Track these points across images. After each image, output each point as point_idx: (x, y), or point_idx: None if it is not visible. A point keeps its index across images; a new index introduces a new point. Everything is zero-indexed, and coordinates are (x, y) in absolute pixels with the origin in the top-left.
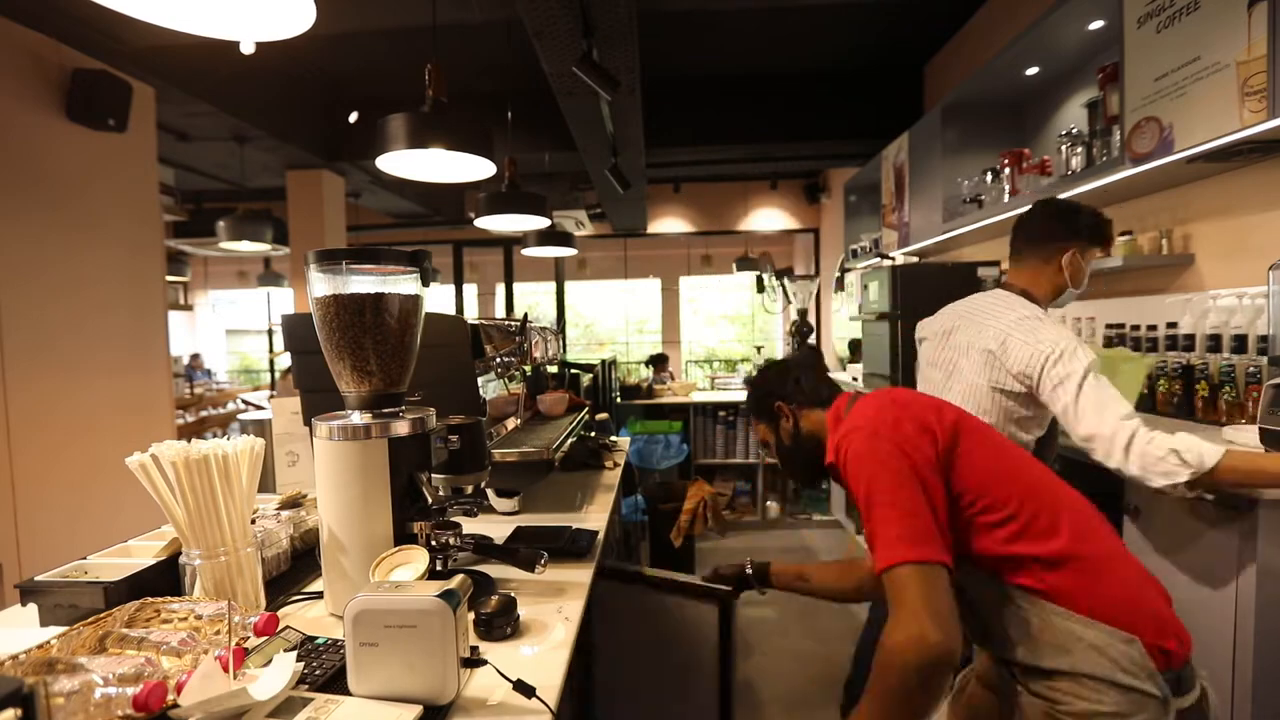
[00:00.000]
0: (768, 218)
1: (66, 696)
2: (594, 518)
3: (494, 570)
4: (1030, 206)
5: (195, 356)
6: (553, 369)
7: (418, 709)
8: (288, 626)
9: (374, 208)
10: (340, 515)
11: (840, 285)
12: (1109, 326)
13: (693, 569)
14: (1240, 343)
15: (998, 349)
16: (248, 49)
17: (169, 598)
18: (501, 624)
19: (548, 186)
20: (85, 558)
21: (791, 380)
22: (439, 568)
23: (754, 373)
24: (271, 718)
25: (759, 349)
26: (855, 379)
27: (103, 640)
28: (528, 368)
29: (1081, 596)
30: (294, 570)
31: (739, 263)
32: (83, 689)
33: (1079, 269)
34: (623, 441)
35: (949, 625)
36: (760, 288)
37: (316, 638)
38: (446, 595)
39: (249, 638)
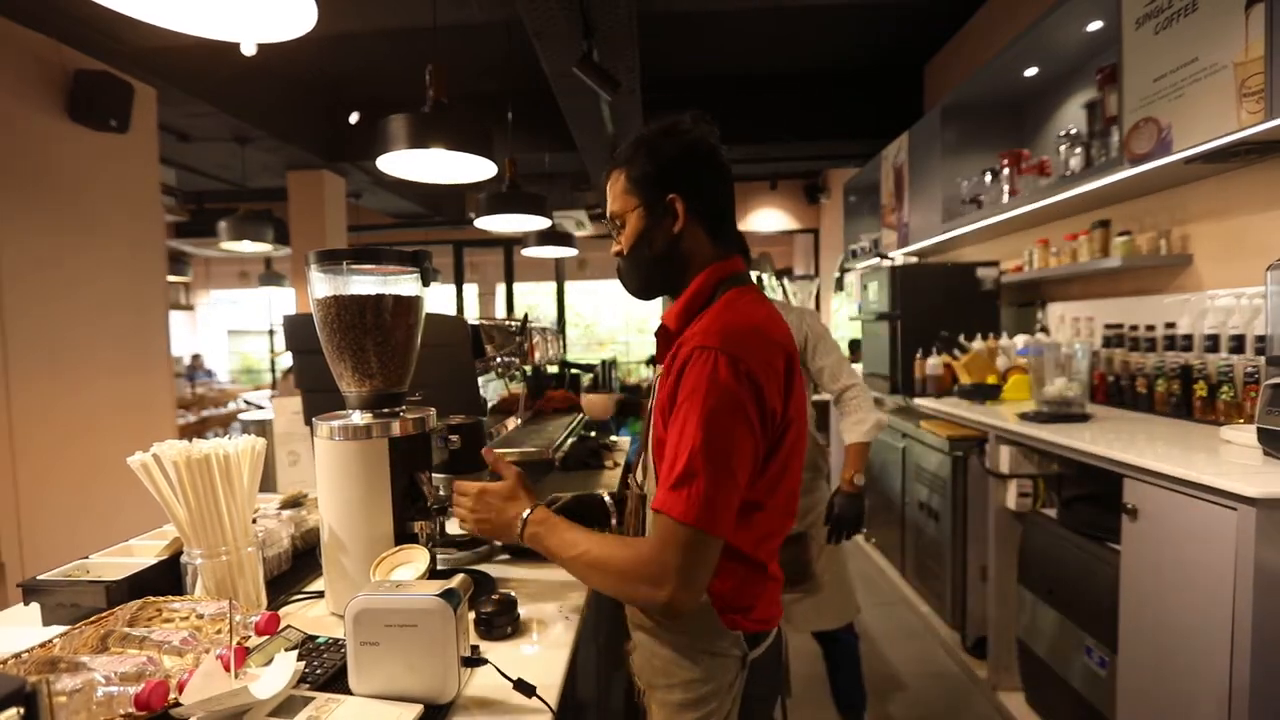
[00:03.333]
0: (768, 218)
1: (69, 695)
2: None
3: (494, 570)
4: None
5: (196, 356)
6: (553, 369)
7: (418, 708)
8: (289, 626)
9: (374, 208)
10: (341, 515)
11: (840, 285)
12: (1107, 326)
13: None
14: (1238, 343)
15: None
16: (249, 50)
17: (170, 597)
18: (502, 623)
19: (548, 186)
20: (87, 557)
21: (707, 176)
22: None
23: (657, 126)
24: (272, 717)
25: None
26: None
27: (105, 639)
28: (528, 368)
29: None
30: (295, 570)
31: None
32: (85, 688)
33: None
34: (623, 441)
35: (698, 596)
36: (760, 288)
37: (317, 637)
38: (447, 595)
39: (250, 637)
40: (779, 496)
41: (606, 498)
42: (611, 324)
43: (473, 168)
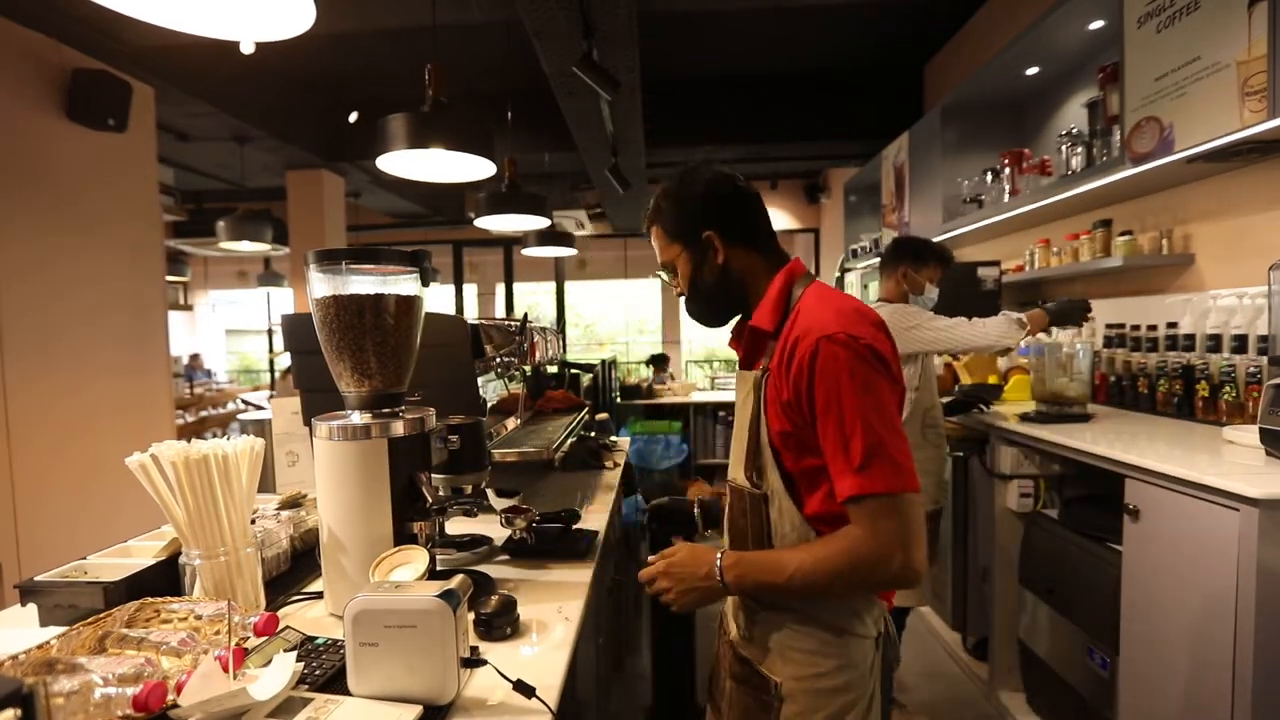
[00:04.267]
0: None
1: (66, 696)
2: (594, 518)
3: (494, 570)
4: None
5: (195, 356)
6: (553, 369)
7: (418, 709)
8: (288, 626)
9: (374, 208)
10: (340, 515)
11: (840, 285)
12: (1109, 326)
13: None
14: (1240, 343)
15: None
16: (248, 49)
17: (169, 598)
18: (501, 624)
19: (548, 186)
20: (85, 558)
21: (731, 207)
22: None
23: (674, 177)
24: (271, 718)
25: None
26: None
27: (102, 640)
28: (528, 368)
29: None
30: (294, 570)
31: None
32: (82, 689)
33: (914, 282)
34: (623, 441)
35: (925, 553)
36: None
37: (316, 638)
38: (446, 595)
39: (249, 638)
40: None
41: (696, 510)
42: (611, 324)
43: (472, 167)
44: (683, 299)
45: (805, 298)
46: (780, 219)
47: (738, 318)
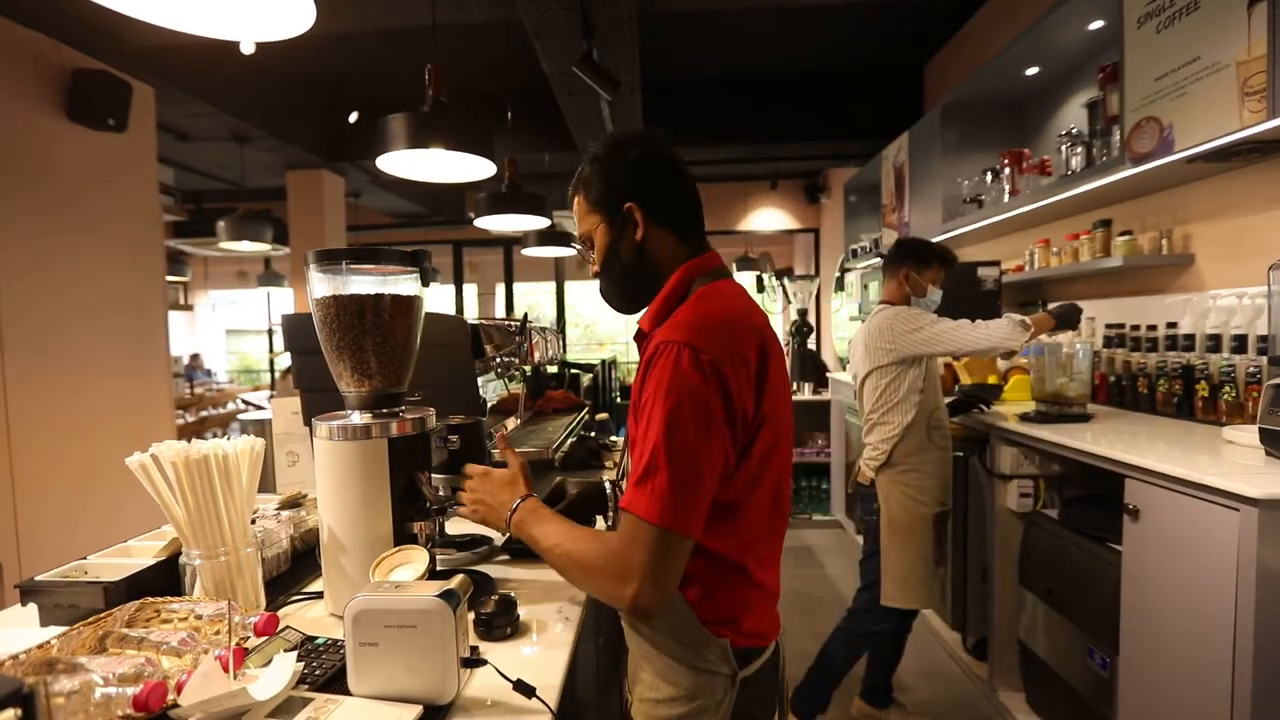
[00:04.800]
0: (768, 218)
1: (66, 696)
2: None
3: (494, 570)
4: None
5: (195, 356)
6: (553, 369)
7: (418, 709)
8: (288, 626)
9: (374, 208)
10: (340, 515)
11: (840, 285)
12: (1109, 326)
13: None
14: (1240, 343)
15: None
16: (248, 49)
17: (169, 598)
18: (501, 624)
19: (548, 186)
20: (85, 558)
21: (660, 182)
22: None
23: (605, 140)
24: (271, 718)
25: None
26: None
27: (103, 640)
28: (528, 368)
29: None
30: (294, 570)
31: (739, 262)
32: (83, 689)
33: (916, 283)
34: (623, 441)
35: (664, 595)
36: (760, 287)
37: (316, 638)
38: (446, 595)
39: (249, 638)
40: (760, 496)
41: (608, 486)
42: (611, 324)
43: (472, 167)
44: (597, 278)
45: (692, 297)
46: (780, 219)
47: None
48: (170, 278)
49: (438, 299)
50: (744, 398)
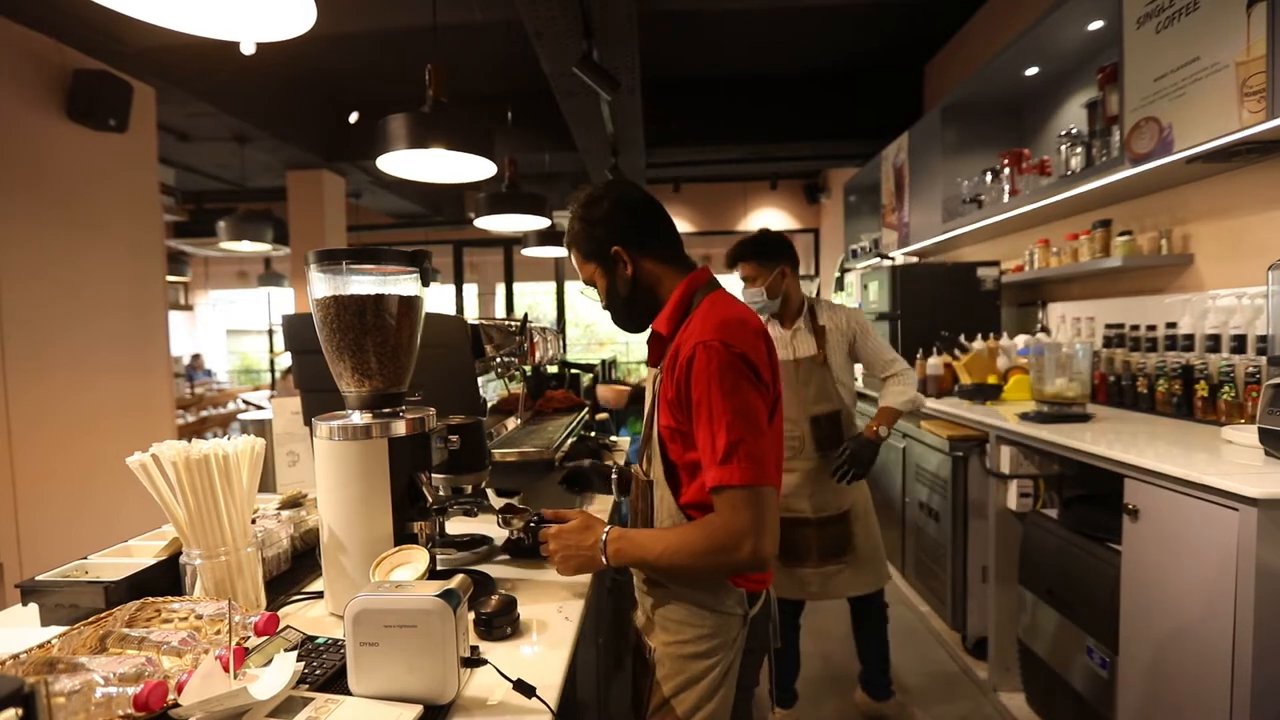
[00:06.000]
0: (768, 218)
1: (67, 696)
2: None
3: (494, 570)
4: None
5: (196, 356)
6: (553, 369)
7: (418, 709)
8: (288, 626)
9: (374, 208)
10: (340, 515)
11: (840, 285)
12: (1109, 326)
13: None
14: (1240, 343)
15: None
16: (248, 50)
17: (169, 597)
18: (502, 624)
19: (548, 186)
20: (86, 557)
21: (634, 224)
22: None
23: (580, 199)
24: (272, 717)
25: None
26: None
27: (103, 640)
28: (528, 368)
29: None
30: (294, 570)
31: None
32: (83, 688)
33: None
34: (622, 441)
35: (776, 541)
36: None
37: (317, 637)
38: (446, 595)
39: (249, 637)
40: (776, 455)
41: (615, 473)
42: (611, 324)
43: (472, 167)
44: (607, 310)
45: (701, 305)
46: (780, 219)
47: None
48: (171, 278)
49: (438, 299)
50: (765, 374)
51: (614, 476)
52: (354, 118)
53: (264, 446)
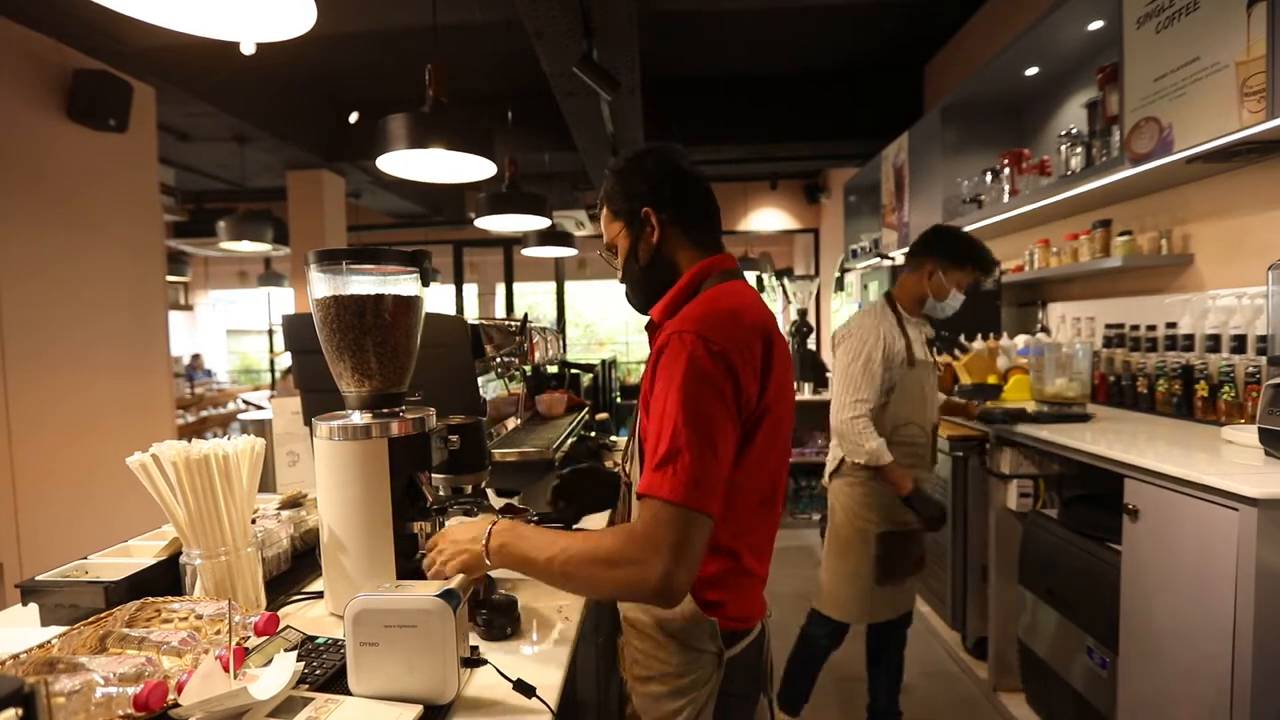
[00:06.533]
0: (768, 218)
1: (67, 696)
2: (594, 518)
3: (493, 570)
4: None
5: (196, 356)
6: (553, 369)
7: (418, 709)
8: (288, 626)
9: (374, 208)
10: (340, 515)
11: (840, 285)
12: (1109, 326)
13: None
14: (1240, 343)
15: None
16: (248, 50)
17: (169, 597)
18: (502, 624)
19: (548, 186)
20: (86, 557)
21: (673, 188)
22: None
23: (625, 154)
24: (272, 717)
25: None
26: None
27: (103, 640)
28: (528, 368)
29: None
30: (294, 570)
31: (739, 263)
32: (84, 688)
33: (939, 284)
34: (623, 441)
35: (691, 574)
36: (760, 288)
37: (317, 637)
38: (446, 595)
39: (249, 637)
40: (757, 485)
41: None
42: (611, 324)
43: (472, 168)
44: (622, 283)
45: (704, 293)
46: (780, 219)
47: None
48: (171, 278)
49: (438, 299)
50: (749, 387)
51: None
52: (354, 118)
53: (264, 446)
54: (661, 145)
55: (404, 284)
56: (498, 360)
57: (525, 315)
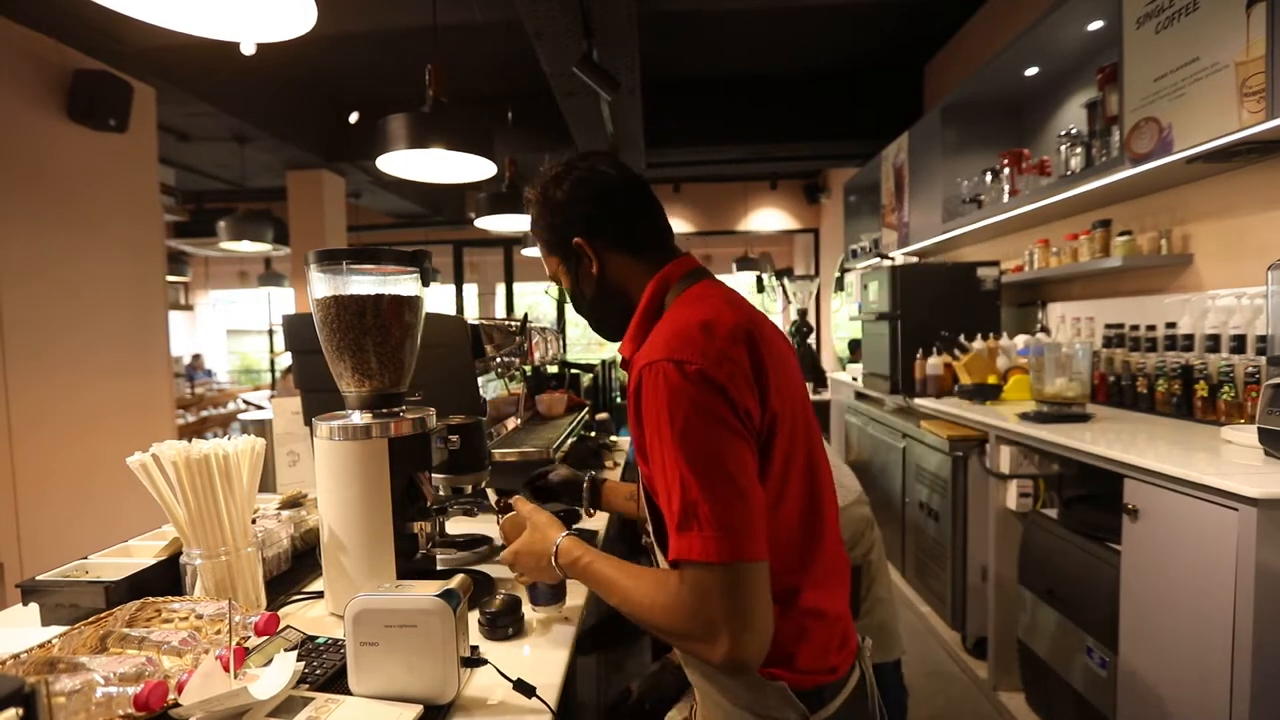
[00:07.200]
0: (768, 218)
1: (68, 696)
2: (594, 518)
3: (494, 570)
4: None
5: (196, 356)
6: (553, 369)
7: (418, 709)
8: (288, 626)
9: (374, 208)
10: (341, 515)
11: (840, 285)
12: (1108, 326)
13: None
14: (1239, 343)
15: None
16: (248, 50)
17: (170, 597)
18: (505, 624)
19: None
20: (86, 557)
21: (599, 210)
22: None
23: (541, 177)
24: (272, 717)
25: None
26: (855, 379)
27: (104, 640)
28: (528, 368)
29: None
30: (294, 570)
31: (739, 263)
32: (84, 688)
33: None
34: (623, 441)
35: (765, 636)
36: (760, 288)
37: (317, 637)
38: (447, 595)
39: (249, 637)
40: (791, 504)
41: (586, 486)
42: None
43: (473, 168)
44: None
45: (669, 310)
46: (780, 219)
47: None
48: (171, 278)
49: (438, 299)
50: (746, 401)
51: (585, 487)
52: (354, 118)
53: (264, 446)
54: (579, 159)
55: (404, 284)
56: (498, 360)
57: (525, 315)
